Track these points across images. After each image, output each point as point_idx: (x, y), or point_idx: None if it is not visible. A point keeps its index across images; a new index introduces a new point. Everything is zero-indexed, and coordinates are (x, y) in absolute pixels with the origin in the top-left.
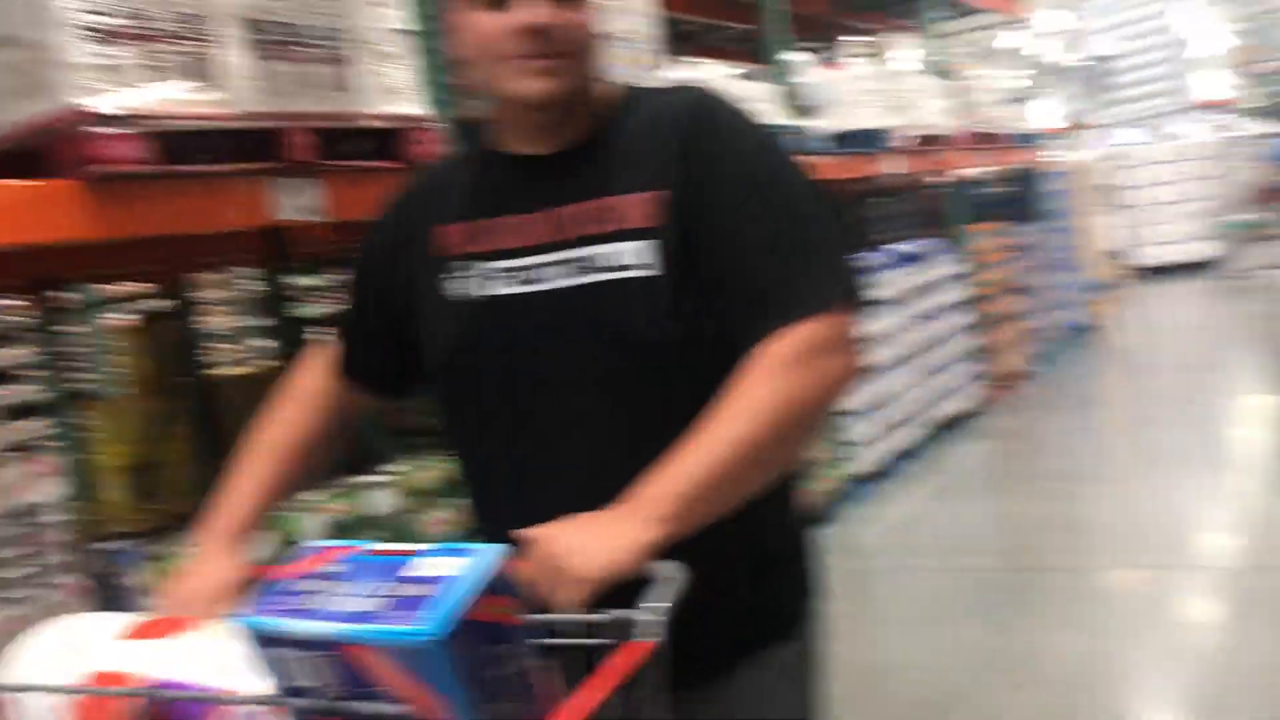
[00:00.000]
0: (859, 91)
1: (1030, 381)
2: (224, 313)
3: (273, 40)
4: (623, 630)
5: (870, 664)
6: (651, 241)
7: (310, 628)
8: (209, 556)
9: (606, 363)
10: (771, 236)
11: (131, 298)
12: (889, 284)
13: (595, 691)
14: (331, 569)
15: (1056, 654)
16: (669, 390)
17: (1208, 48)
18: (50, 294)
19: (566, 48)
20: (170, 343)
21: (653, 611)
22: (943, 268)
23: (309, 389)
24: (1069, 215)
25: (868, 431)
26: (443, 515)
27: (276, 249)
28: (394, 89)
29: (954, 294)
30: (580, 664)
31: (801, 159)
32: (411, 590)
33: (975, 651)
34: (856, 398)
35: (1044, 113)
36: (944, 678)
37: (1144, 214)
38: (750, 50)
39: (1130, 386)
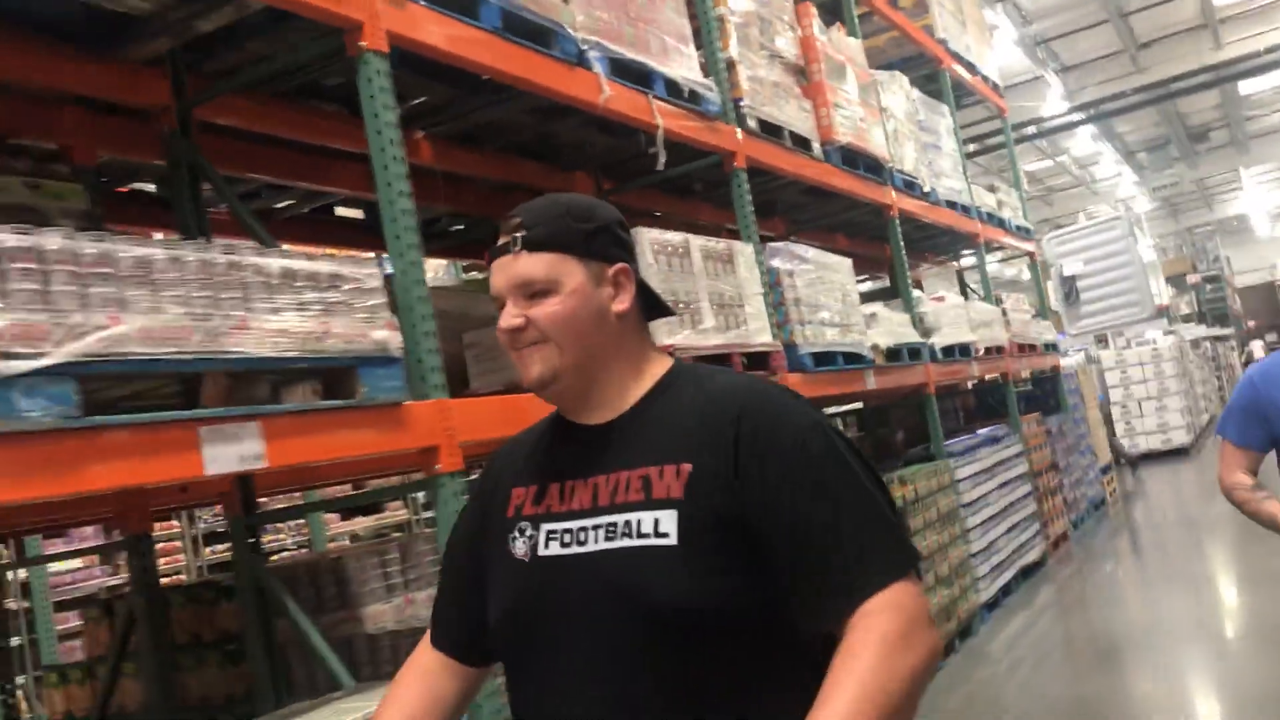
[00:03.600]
0: (953, 317)
1: (1069, 541)
2: None
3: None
4: None
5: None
6: (672, 512)
7: None
8: None
9: (627, 626)
10: (838, 515)
11: None
12: (985, 458)
13: None
14: None
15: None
16: (691, 656)
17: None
18: None
19: (543, 338)
20: None
21: None
22: (1011, 448)
23: (420, 665)
24: (1080, 409)
25: (984, 571)
26: None
27: None
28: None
29: (1019, 469)
30: None
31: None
32: None
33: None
34: (978, 544)
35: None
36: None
37: (1122, 409)
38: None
39: (1138, 541)
